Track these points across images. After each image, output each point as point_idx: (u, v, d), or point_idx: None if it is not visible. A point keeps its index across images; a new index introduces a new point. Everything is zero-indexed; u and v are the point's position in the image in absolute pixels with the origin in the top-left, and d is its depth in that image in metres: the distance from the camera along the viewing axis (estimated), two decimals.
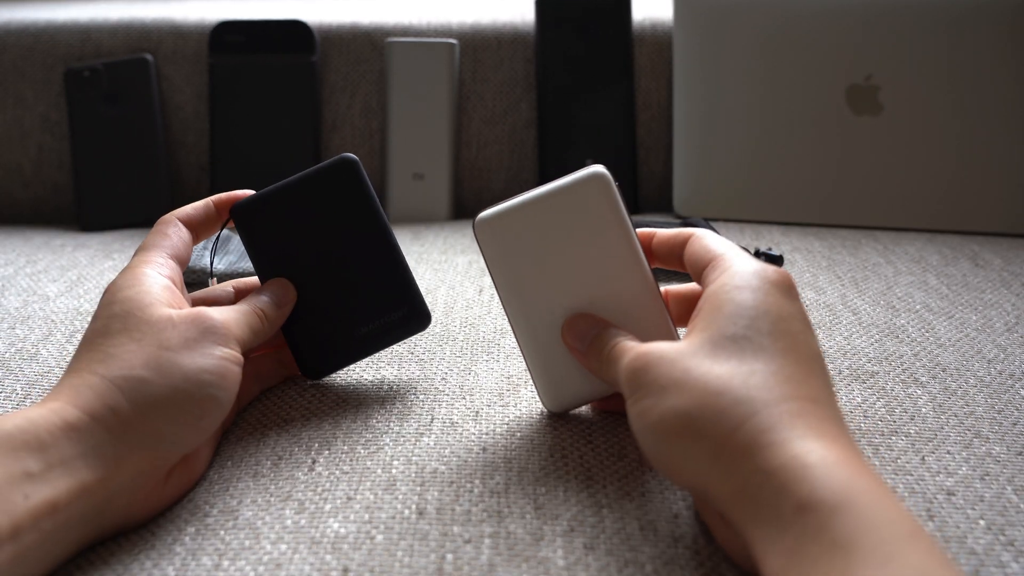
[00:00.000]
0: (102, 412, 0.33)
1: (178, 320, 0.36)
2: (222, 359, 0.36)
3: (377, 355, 0.50)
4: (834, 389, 0.34)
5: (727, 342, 0.33)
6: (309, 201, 0.44)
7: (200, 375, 0.35)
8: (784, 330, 0.33)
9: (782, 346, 0.32)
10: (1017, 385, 0.47)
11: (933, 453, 0.40)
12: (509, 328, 0.53)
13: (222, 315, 0.38)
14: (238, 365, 0.37)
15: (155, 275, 0.39)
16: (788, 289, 0.35)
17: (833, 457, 0.28)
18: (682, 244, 0.39)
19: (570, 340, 0.39)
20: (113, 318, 0.36)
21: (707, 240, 0.38)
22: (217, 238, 0.45)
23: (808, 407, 0.30)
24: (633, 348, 0.35)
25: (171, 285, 0.39)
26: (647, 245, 0.41)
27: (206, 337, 0.36)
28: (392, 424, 0.42)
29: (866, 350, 0.50)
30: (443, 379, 0.47)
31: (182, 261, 0.41)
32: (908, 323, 0.54)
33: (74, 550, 0.33)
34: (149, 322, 0.36)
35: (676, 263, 0.40)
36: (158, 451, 0.34)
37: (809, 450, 0.28)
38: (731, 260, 0.36)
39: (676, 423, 0.31)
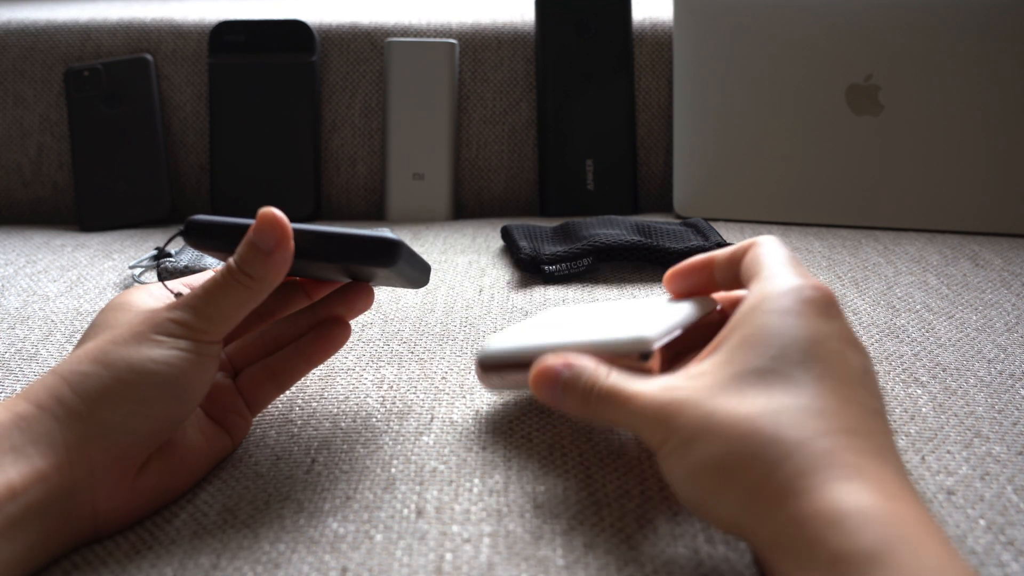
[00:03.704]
0: (49, 403, 0.33)
1: (135, 315, 0.37)
2: (174, 348, 0.35)
3: (377, 354, 0.50)
4: (884, 405, 0.33)
5: (753, 377, 0.31)
6: None
7: (145, 364, 0.34)
8: (818, 355, 0.31)
9: (815, 374, 0.31)
10: (1017, 385, 0.47)
11: (933, 452, 0.40)
12: (510, 328, 0.53)
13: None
14: (196, 355, 0.35)
15: (147, 287, 0.40)
16: (827, 307, 0.33)
17: (870, 500, 0.27)
18: (741, 258, 0.37)
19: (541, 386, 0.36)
20: (92, 325, 0.38)
21: (762, 250, 0.36)
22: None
23: (844, 441, 0.29)
24: (641, 393, 0.33)
25: (161, 295, 0.40)
26: (707, 274, 0.39)
27: (158, 329, 0.35)
28: (391, 423, 0.42)
29: (866, 350, 0.50)
30: (443, 378, 0.47)
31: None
32: (908, 323, 0.54)
33: (51, 547, 0.33)
34: (112, 321, 0.37)
35: (737, 283, 0.38)
36: (112, 441, 0.34)
37: (844, 494, 0.27)
38: (770, 278, 0.34)
39: (707, 473, 0.30)
